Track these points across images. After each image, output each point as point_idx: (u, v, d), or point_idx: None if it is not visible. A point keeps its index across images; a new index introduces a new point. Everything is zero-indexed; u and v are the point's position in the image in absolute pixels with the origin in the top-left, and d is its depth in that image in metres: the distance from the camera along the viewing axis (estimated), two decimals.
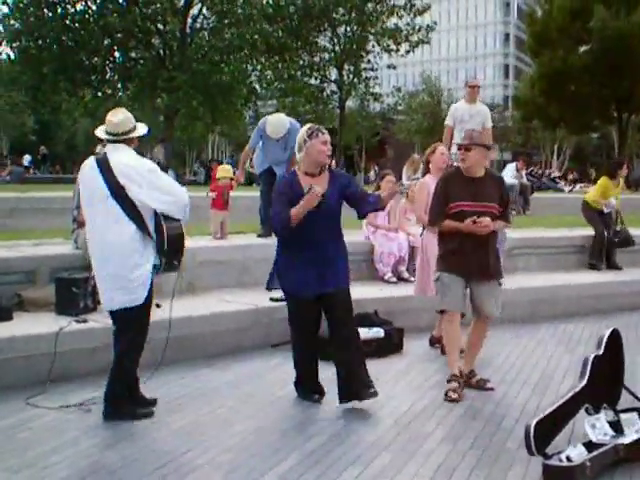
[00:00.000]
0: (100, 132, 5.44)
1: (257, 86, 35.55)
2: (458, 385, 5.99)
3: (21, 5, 29.14)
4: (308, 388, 5.84)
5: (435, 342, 7.53)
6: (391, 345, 7.44)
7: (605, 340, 5.02)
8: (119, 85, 33.61)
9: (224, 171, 9.96)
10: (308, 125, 5.79)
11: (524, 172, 17.91)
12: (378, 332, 7.39)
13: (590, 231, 11.33)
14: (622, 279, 10.50)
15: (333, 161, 27.29)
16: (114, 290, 5.30)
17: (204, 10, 33.92)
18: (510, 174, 17.59)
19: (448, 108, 10.77)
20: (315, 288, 5.59)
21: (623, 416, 4.98)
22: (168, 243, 5.33)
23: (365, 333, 7.19)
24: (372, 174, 43.69)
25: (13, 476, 4.32)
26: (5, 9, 30.24)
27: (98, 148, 6.97)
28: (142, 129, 5.48)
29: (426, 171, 7.77)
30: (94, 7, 31.36)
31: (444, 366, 6.73)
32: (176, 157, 49.62)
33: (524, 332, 8.52)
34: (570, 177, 35.50)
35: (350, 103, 45.50)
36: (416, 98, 60.39)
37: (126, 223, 5.20)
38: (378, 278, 9.27)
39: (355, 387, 5.54)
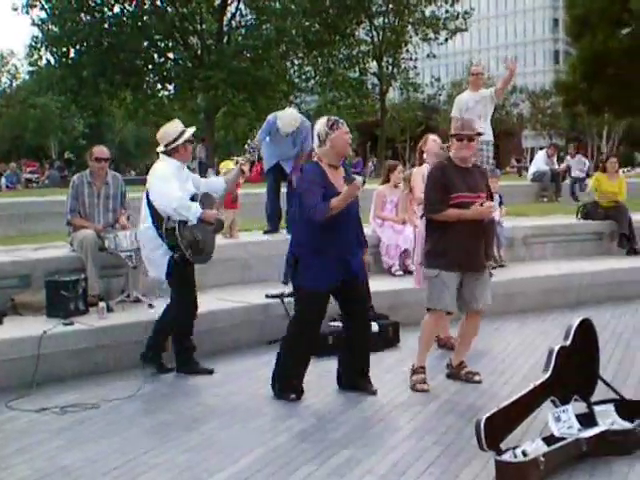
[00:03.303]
0: (159, 147, 6.48)
1: (297, 81, 35.61)
2: (425, 376, 5.95)
3: (57, 11, 29.56)
4: (289, 386, 5.73)
5: (443, 344, 7.27)
6: (386, 339, 7.36)
7: (573, 330, 4.88)
8: (158, 86, 33.99)
9: (227, 165, 9.93)
10: (326, 117, 5.75)
11: (555, 159, 17.53)
12: (373, 327, 7.29)
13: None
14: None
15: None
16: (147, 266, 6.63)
17: (241, 7, 34.10)
18: (542, 161, 17.32)
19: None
20: (339, 276, 5.61)
21: (597, 408, 4.85)
22: (165, 236, 6.24)
23: None
24: None
25: None
26: (43, 14, 30.75)
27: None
28: (182, 138, 6.34)
29: (420, 162, 7.88)
30: (131, 9, 31.73)
31: (435, 360, 6.66)
32: (225, 156, 49.95)
33: (530, 322, 8.39)
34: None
35: (392, 95, 45.31)
36: (459, 87, 59.72)
37: (147, 218, 6.37)
38: (385, 271, 9.17)
39: (361, 371, 5.89)
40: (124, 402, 5.72)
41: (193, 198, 6.33)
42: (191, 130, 6.51)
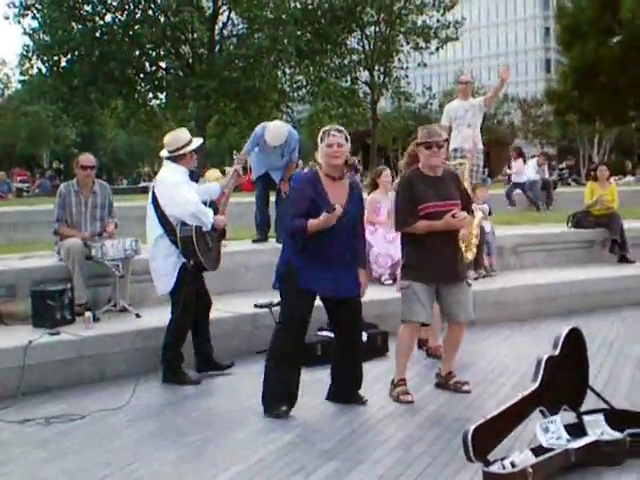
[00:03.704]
0: (162, 152, 6.53)
1: (288, 89, 35.59)
2: (407, 387, 5.89)
3: (49, 20, 29.50)
4: (279, 397, 5.56)
5: (423, 345, 7.27)
6: (375, 349, 7.30)
7: (562, 340, 4.83)
8: (150, 95, 33.94)
9: (213, 175, 9.89)
10: (325, 127, 5.68)
11: (545, 167, 17.56)
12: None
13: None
14: (632, 273, 10.18)
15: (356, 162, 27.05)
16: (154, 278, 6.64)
17: (233, 16, 34.09)
18: (532, 169, 17.34)
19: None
20: (329, 289, 5.54)
21: (587, 418, 4.80)
22: (180, 244, 6.29)
23: None
24: None
25: None
26: (35, 24, 30.68)
27: None
28: (190, 146, 6.45)
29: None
30: (123, 18, 31.69)
31: (425, 369, 6.64)
32: (217, 164, 49.84)
33: (522, 331, 8.35)
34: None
35: (383, 104, 45.30)
36: (450, 96, 59.79)
37: (155, 226, 6.42)
38: (373, 280, 9.11)
39: (351, 390, 5.80)
40: (110, 413, 5.65)
41: (205, 204, 6.42)
42: (199, 140, 6.64)
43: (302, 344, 5.75)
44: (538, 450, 4.33)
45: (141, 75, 33.27)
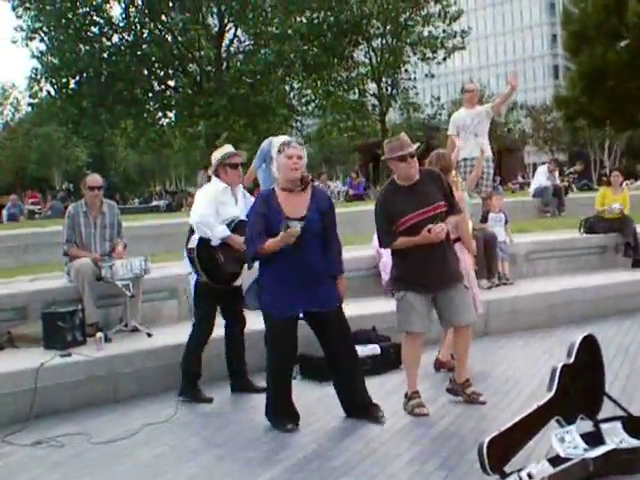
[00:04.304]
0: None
1: (296, 103, 35.60)
2: (421, 400, 5.81)
3: (56, 42, 29.65)
4: (282, 414, 5.56)
5: (440, 367, 7.05)
6: (388, 362, 7.22)
7: (577, 347, 4.76)
8: (159, 114, 34.03)
9: None
10: (281, 140, 5.65)
11: (556, 173, 17.43)
12: (374, 349, 7.21)
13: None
14: None
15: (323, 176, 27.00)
16: None
17: (239, 33, 34.18)
18: (543, 176, 17.22)
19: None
20: (304, 306, 5.46)
21: (604, 426, 4.71)
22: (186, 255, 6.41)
23: (360, 351, 7.02)
24: None
25: None
26: (42, 46, 30.84)
27: None
28: (219, 162, 6.51)
29: None
30: (130, 38, 31.82)
31: (437, 383, 6.56)
32: None
33: (536, 339, 8.25)
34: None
35: (393, 116, 45.27)
36: (459, 106, 59.59)
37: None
38: (385, 290, 9.03)
39: (360, 403, 5.68)
40: (120, 434, 5.60)
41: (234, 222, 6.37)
42: (225, 151, 6.57)
43: (286, 364, 5.64)
44: (555, 460, 4.25)
45: (150, 94, 33.34)
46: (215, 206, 6.35)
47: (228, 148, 6.70)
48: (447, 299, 5.78)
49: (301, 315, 5.59)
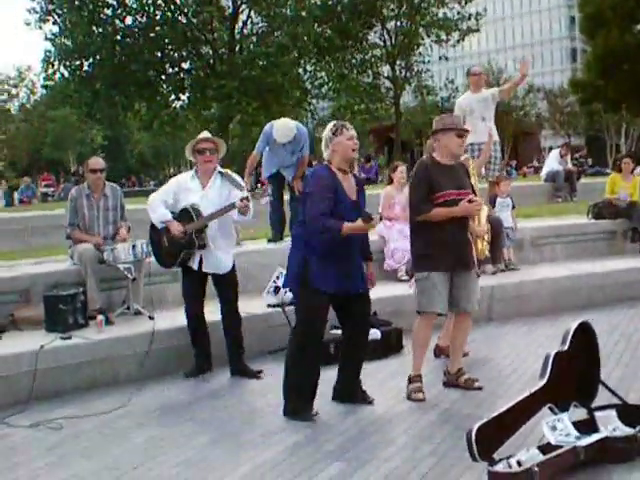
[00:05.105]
0: None
1: (310, 87, 35.49)
2: (421, 384, 5.81)
3: (69, 25, 29.63)
4: (307, 404, 5.44)
5: (440, 353, 7.02)
6: (389, 346, 7.24)
7: (571, 335, 4.74)
8: (172, 96, 34.01)
9: None
10: (333, 122, 5.70)
11: (568, 158, 17.31)
12: (375, 334, 7.18)
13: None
14: None
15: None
16: None
17: (252, 15, 34.06)
18: (554, 160, 17.11)
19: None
20: (340, 286, 5.49)
21: (598, 414, 4.70)
22: None
23: None
24: None
25: None
26: (55, 29, 30.86)
27: None
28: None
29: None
30: (143, 20, 31.77)
31: (436, 368, 6.53)
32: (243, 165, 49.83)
33: (539, 326, 8.21)
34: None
35: (407, 99, 45.09)
36: None
37: None
38: (389, 276, 9.04)
39: (354, 386, 5.73)
40: (118, 417, 5.65)
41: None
42: (199, 138, 6.71)
43: (321, 344, 5.62)
44: (546, 448, 4.24)
45: (163, 77, 33.32)
46: (174, 192, 6.63)
47: (201, 134, 6.79)
48: (463, 282, 5.82)
49: None
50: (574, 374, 4.71)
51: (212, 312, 6.86)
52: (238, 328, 6.73)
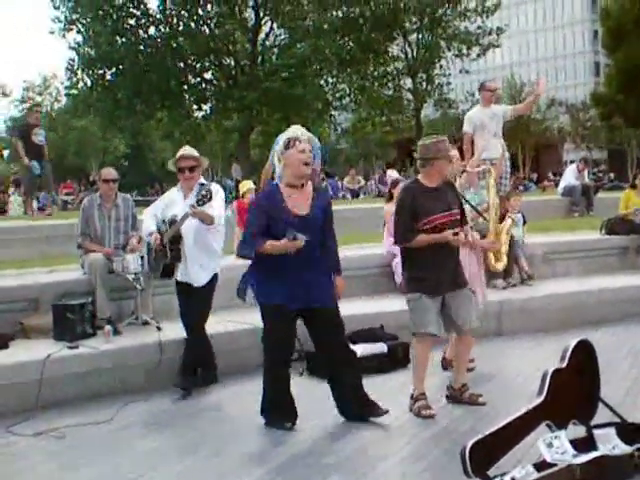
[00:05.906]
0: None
1: (331, 98, 35.53)
2: (427, 401, 5.78)
3: (93, 34, 29.90)
4: (280, 413, 5.52)
5: (448, 365, 6.92)
6: (395, 360, 7.23)
7: (570, 352, 4.73)
8: (194, 106, 34.20)
9: (247, 186, 9.96)
10: (286, 135, 5.64)
11: (585, 173, 17.26)
12: (381, 347, 7.21)
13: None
14: None
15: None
16: None
17: (274, 27, 34.21)
18: (572, 175, 17.07)
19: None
20: (301, 302, 5.39)
21: (597, 432, 4.68)
22: None
23: (366, 349, 7.06)
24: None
25: None
26: (79, 38, 31.13)
27: None
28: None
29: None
30: (166, 31, 32.00)
31: (439, 383, 6.49)
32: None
33: (547, 341, 8.15)
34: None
35: (428, 112, 45.04)
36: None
37: None
38: (397, 289, 9.03)
39: (359, 404, 5.57)
40: (121, 426, 5.70)
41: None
42: (178, 155, 6.82)
43: (288, 359, 5.59)
44: (542, 465, 4.23)
45: (185, 87, 33.52)
46: (163, 205, 6.85)
47: (181, 150, 6.91)
48: (456, 303, 5.78)
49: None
50: (573, 391, 4.69)
51: (218, 322, 6.89)
52: (191, 347, 6.68)
